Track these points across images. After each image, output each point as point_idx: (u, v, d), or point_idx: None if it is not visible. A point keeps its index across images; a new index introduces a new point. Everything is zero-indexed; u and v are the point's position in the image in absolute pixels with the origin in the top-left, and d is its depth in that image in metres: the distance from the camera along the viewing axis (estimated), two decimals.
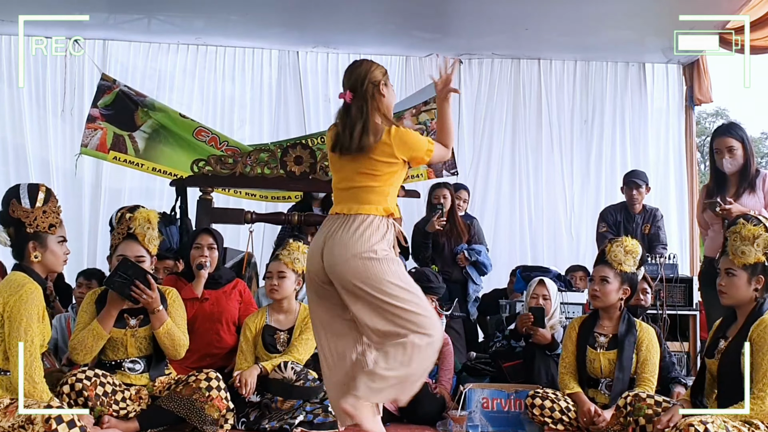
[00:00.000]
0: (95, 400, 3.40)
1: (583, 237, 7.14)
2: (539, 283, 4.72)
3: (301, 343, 4.04)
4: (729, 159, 4.34)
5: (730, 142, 4.34)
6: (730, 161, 4.35)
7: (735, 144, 4.34)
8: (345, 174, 3.14)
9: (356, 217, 3.05)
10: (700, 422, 2.96)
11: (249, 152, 5.31)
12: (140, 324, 3.75)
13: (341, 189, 3.16)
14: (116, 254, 3.76)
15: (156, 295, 3.67)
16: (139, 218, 3.76)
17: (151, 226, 3.78)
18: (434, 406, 4.18)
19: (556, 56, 7.41)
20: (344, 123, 3.11)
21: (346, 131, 3.07)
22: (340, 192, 3.16)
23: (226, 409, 3.59)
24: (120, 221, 3.82)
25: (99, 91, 6.11)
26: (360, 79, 3.12)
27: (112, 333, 3.67)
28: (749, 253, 3.22)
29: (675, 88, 7.39)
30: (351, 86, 3.13)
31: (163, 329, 3.67)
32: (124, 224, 3.78)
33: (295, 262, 4.16)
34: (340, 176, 3.17)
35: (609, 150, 7.39)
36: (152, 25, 6.70)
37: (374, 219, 3.05)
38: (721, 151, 4.37)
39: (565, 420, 3.81)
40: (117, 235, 3.80)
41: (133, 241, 3.76)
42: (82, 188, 7.10)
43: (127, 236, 3.77)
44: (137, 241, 3.76)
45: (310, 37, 7.06)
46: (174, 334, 3.71)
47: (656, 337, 4.00)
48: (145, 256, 3.77)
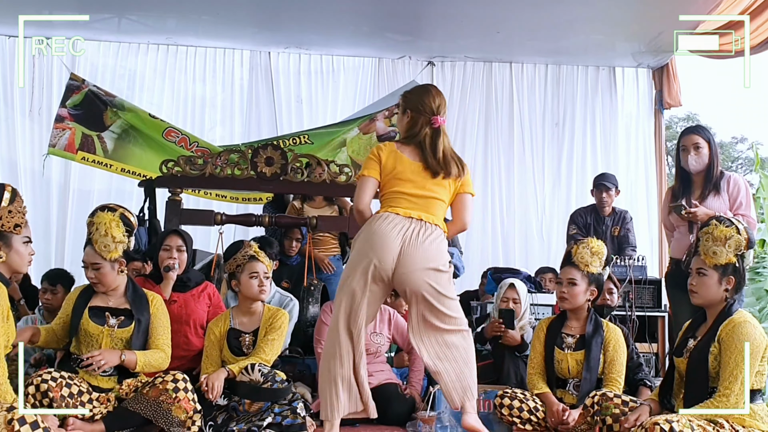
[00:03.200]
0: (60, 401, 3.34)
1: (554, 239, 7.19)
2: (509, 287, 4.74)
3: (267, 344, 4.00)
4: (695, 156, 4.40)
5: (696, 139, 4.42)
6: (695, 158, 4.41)
7: (701, 142, 4.41)
8: (421, 183, 3.37)
9: (434, 228, 3.34)
10: (665, 421, 2.99)
11: (219, 153, 5.28)
12: (119, 325, 3.71)
13: (414, 195, 3.36)
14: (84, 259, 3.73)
15: (99, 354, 3.56)
16: (96, 223, 3.68)
17: (108, 232, 3.64)
18: (404, 407, 4.17)
19: (527, 60, 7.46)
20: (435, 144, 3.37)
21: (439, 154, 3.36)
22: (412, 198, 3.36)
23: (193, 411, 3.55)
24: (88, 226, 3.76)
25: (68, 90, 6.07)
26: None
27: (90, 328, 3.64)
28: (720, 254, 3.27)
29: (645, 91, 7.47)
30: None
31: (140, 367, 3.67)
32: (88, 229, 3.73)
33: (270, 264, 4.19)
34: (414, 184, 3.36)
35: (580, 153, 7.45)
36: (123, 24, 6.65)
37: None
38: (687, 148, 4.43)
39: (533, 420, 3.82)
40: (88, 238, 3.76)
41: (91, 248, 3.70)
42: (50, 190, 7.03)
43: (88, 242, 3.72)
44: (93, 249, 3.69)
45: (283, 37, 7.04)
46: (151, 362, 3.71)
47: (623, 337, 4.03)
48: (100, 263, 3.68)
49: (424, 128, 3.37)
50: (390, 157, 3.40)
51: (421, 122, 3.38)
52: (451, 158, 3.39)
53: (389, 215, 3.31)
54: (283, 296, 4.76)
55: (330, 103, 7.44)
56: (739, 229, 3.28)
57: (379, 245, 3.27)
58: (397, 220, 3.29)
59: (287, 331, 4.22)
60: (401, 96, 3.60)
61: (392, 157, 3.39)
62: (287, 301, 4.72)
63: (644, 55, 7.06)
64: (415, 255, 3.24)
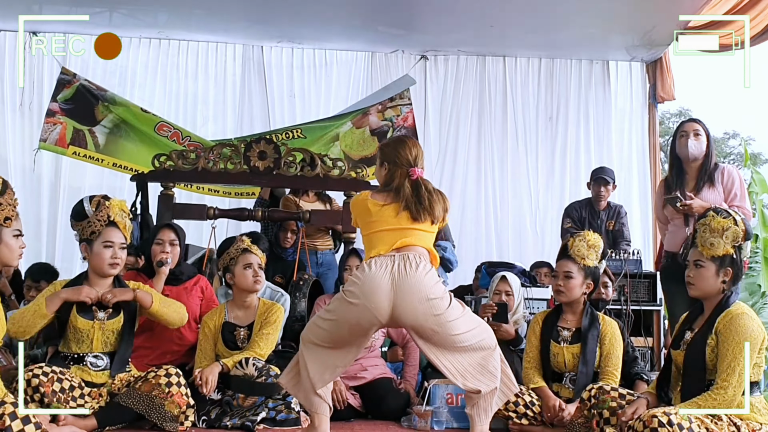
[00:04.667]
0: (52, 396, 3.31)
1: (548, 233, 7.18)
2: (502, 279, 4.71)
3: (262, 338, 3.98)
4: (694, 141, 4.41)
5: (696, 126, 4.46)
6: (695, 143, 4.41)
7: (701, 130, 4.43)
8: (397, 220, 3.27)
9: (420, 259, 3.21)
10: (663, 413, 2.97)
11: (212, 147, 5.24)
12: (108, 317, 3.68)
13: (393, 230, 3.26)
14: (101, 241, 3.68)
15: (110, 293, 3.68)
16: (114, 207, 3.74)
17: (126, 214, 3.80)
18: (399, 401, 4.16)
19: (521, 53, 7.43)
20: (418, 196, 3.27)
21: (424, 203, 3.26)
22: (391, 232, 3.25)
23: (186, 406, 3.52)
24: (98, 208, 3.72)
25: (59, 85, 6.02)
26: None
27: (79, 324, 3.60)
28: (718, 245, 3.24)
29: (638, 85, 7.45)
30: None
31: (155, 307, 3.75)
32: (104, 211, 3.70)
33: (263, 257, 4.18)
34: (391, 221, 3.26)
35: (573, 147, 7.43)
36: (114, 18, 6.57)
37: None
38: (687, 133, 4.44)
39: (529, 414, 3.80)
40: (97, 222, 3.69)
41: (116, 228, 3.72)
42: (40, 186, 6.98)
43: (109, 223, 3.71)
44: (119, 229, 3.73)
45: (275, 31, 6.99)
46: (168, 303, 3.84)
47: (619, 330, 4.02)
48: (125, 244, 3.76)
49: (403, 180, 3.30)
50: (362, 207, 3.34)
51: (398, 174, 3.31)
52: (436, 201, 3.29)
53: (372, 261, 3.18)
54: (274, 291, 4.73)
55: (323, 98, 7.39)
56: (736, 221, 3.27)
57: (369, 291, 3.11)
58: (381, 261, 3.16)
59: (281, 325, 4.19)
60: (378, 147, 3.55)
61: (363, 207, 3.33)
62: (278, 296, 4.69)
63: (638, 48, 7.04)
64: (410, 289, 3.10)
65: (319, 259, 5.66)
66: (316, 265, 5.60)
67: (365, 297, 3.10)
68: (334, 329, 3.20)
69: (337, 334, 3.19)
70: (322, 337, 3.22)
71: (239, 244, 4.16)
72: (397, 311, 3.10)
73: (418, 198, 3.25)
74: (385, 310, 3.09)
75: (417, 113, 6.69)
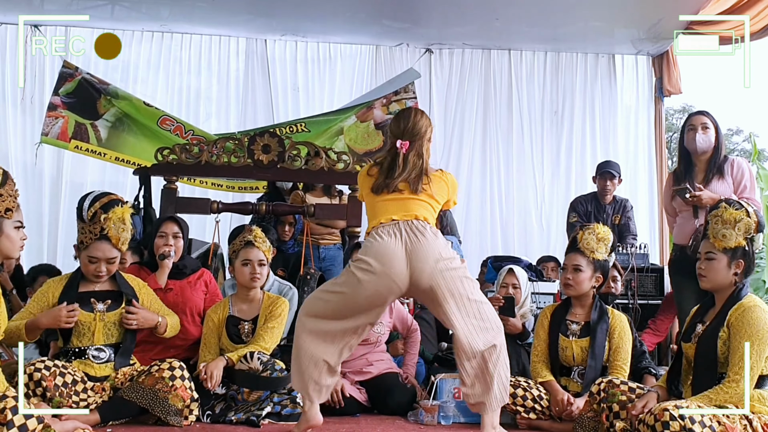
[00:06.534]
0: (54, 390, 3.26)
1: (553, 227, 7.14)
2: (509, 272, 4.67)
3: (266, 332, 3.93)
4: (702, 134, 4.37)
5: (704, 120, 4.42)
6: (703, 137, 4.37)
7: (709, 123, 4.39)
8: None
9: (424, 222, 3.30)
10: (674, 407, 2.93)
11: (215, 141, 5.20)
12: (108, 308, 3.64)
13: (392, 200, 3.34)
14: (87, 253, 3.61)
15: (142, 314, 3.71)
16: (113, 218, 3.61)
17: (125, 226, 3.65)
18: (405, 396, 4.13)
19: (526, 47, 7.38)
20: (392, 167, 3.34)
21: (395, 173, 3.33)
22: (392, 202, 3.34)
23: (190, 399, 3.48)
24: (93, 220, 3.64)
25: (60, 78, 5.98)
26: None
27: (80, 317, 3.55)
28: (730, 237, 3.20)
29: (644, 79, 7.39)
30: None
31: (169, 331, 3.82)
32: (98, 225, 3.60)
33: (269, 250, 4.11)
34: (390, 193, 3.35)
35: (579, 141, 7.37)
36: (116, 11, 6.53)
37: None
38: (696, 127, 4.40)
39: (537, 408, 3.76)
40: (88, 234, 3.63)
41: (106, 242, 3.61)
42: (42, 181, 6.94)
43: (101, 237, 3.62)
44: (110, 243, 3.62)
45: (279, 24, 6.93)
46: (173, 325, 3.85)
47: (628, 324, 3.97)
48: (116, 257, 3.66)
49: (391, 151, 3.41)
50: (362, 179, 3.46)
51: (391, 145, 3.43)
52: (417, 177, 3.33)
53: (379, 230, 3.24)
54: (282, 285, 4.69)
55: (327, 91, 7.34)
56: (749, 212, 3.22)
57: (386, 259, 3.16)
58: (388, 229, 3.22)
59: (287, 319, 4.14)
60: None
61: (363, 178, 3.46)
62: (286, 289, 4.65)
63: (644, 42, 6.99)
64: (425, 250, 3.17)
65: (321, 254, 5.63)
66: (318, 260, 5.56)
67: (384, 265, 3.16)
68: (342, 302, 3.23)
69: (347, 306, 3.22)
70: (325, 309, 3.25)
71: (245, 235, 4.12)
72: (415, 275, 3.16)
73: (391, 169, 3.35)
74: (405, 275, 3.16)
75: (422, 107, 6.62)
